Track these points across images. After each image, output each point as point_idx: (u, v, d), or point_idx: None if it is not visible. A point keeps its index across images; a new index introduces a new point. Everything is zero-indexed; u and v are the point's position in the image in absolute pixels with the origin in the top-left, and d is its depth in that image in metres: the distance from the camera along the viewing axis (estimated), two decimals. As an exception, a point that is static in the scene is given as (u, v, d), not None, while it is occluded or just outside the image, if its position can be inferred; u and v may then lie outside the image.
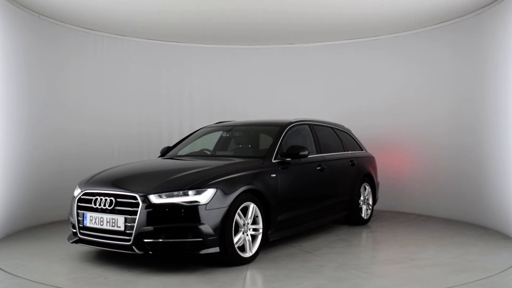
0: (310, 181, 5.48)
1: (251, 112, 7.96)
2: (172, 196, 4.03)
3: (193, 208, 3.99)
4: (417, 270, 4.19)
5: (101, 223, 4.20)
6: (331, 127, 6.45)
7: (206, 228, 3.99)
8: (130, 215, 4.04)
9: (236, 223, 4.27)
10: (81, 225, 4.38)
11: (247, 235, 4.38)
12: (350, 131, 6.88)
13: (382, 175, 7.31)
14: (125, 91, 7.51)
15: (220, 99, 8.15)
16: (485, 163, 6.16)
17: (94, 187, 4.43)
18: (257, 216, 4.50)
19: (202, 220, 3.98)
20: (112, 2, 6.01)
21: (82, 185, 4.58)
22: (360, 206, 6.41)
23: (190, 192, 4.05)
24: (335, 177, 5.92)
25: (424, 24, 7.10)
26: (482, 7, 6.26)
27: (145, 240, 3.97)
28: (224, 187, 4.20)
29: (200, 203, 4.01)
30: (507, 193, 5.56)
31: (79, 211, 4.41)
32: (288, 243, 5.28)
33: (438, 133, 7.07)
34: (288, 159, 5.08)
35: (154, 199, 4.02)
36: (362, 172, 6.47)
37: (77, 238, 4.44)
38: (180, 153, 5.76)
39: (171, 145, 7.56)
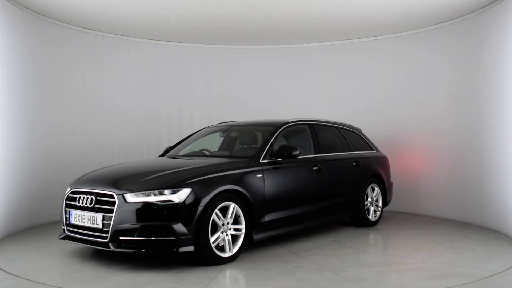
0: (303, 181, 5.39)
1: (251, 112, 7.93)
2: (147, 195, 4.10)
3: (167, 207, 4.04)
4: (394, 275, 4.10)
5: (83, 220, 4.31)
6: (336, 127, 6.35)
7: (180, 227, 4.02)
8: (107, 213, 4.14)
9: (215, 222, 4.27)
10: (67, 222, 4.51)
11: (227, 235, 4.38)
12: (359, 131, 6.77)
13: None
14: (125, 91, 7.59)
15: (220, 100, 8.17)
16: (484, 165, 6.04)
17: (80, 186, 4.56)
18: (239, 216, 4.50)
19: (176, 219, 4.03)
20: (112, 2, 6.09)
21: (72, 184, 4.73)
22: (366, 208, 6.25)
23: (166, 192, 4.11)
24: (335, 177, 5.80)
25: (424, 25, 7.00)
26: (482, 7, 6.14)
27: (121, 238, 4.05)
28: (201, 187, 4.22)
29: (174, 202, 4.06)
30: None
31: (67, 209, 4.55)
32: (280, 243, 5.25)
33: (439, 133, 6.94)
34: (278, 159, 5.05)
35: (130, 197, 4.11)
36: (368, 172, 6.29)
37: (64, 234, 4.57)
38: (181, 152, 5.81)
39: (171, 145, 7.68)
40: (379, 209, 6.49)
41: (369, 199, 6.31)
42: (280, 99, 8.18)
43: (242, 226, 4.49)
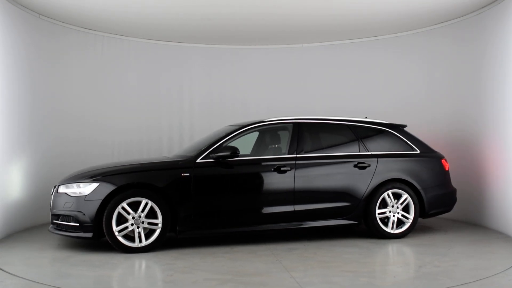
0: (254, 183, 5.23)
1: (251, 112, 7.90)
2: (69, 187, 4.93)
3: (76, 198, 4.83)
4: (231, 285, 3.73)
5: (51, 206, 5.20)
6: (348, 125, 5.74)
7: (83, 216, 4.75)
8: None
9: (123, 215, 4.77)
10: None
11: (138, 227, 4.79)
12: (396, 128, 5.91)
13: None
14: (125, 91, 7.58)
15: (220, 100, 8.13)
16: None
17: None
18: (156, 212, 4.86)
19: (80, 209, 4.77)
20: (112, 2, 6.09)
21: None
22: (384, 217, 5.51)
23: (81, 185, 4.87)
24: (315, 180, 5.35)
25: (424, 24, 7.01)
26: (482, 7, 6.16)
27: (54, 221, 4.97)
28: (107, 182, 4.82)
29: (81, 195, 4.81)
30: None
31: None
32: (231, 244, 5.13)
33: (441, 132, 6.93)
34: (221, 159, 5.09)
35: (60, 188, 4.99)
36: (385, 176, 5.53)
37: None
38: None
39: (168, 144, 7.73)
40: (409, 220, 5.56)
41: (389, 207, 5.56)
42: (279, 99, 8.13)
43: (157, 221, 4.85)
